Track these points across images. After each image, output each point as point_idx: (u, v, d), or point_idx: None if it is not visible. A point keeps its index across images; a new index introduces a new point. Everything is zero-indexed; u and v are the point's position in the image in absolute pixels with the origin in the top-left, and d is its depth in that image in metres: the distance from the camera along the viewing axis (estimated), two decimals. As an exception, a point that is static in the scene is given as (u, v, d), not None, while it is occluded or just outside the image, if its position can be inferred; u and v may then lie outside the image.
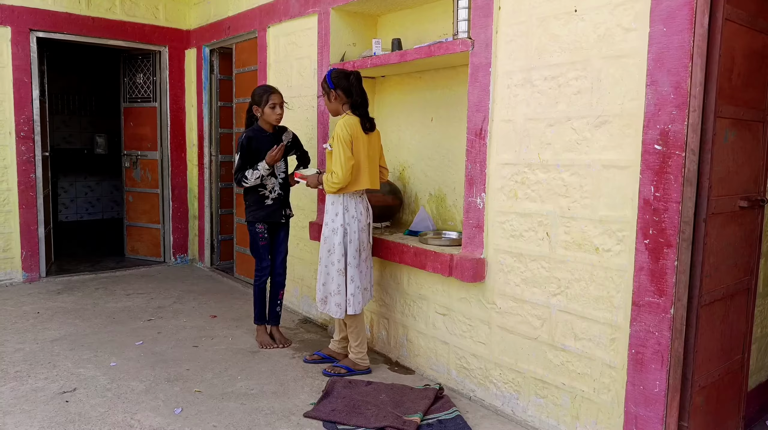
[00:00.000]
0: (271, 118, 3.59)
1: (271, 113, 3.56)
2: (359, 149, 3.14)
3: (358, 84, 3.21)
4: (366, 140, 3.19)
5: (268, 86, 3.65)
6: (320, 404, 2.93)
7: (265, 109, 3.55)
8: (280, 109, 3.57)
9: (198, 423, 2.76)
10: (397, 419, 2.73)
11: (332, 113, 3.32)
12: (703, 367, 2.38)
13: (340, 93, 3.20)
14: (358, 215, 3.23)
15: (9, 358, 3.48)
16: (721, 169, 2.30)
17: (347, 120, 3.16)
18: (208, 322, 4.22)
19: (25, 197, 5.17)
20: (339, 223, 3.20)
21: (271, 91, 3.57)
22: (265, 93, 3.56)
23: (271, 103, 3.54)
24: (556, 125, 2.60)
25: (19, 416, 2.78)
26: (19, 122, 5.09)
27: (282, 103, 3.59)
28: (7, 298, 4.74)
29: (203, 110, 5.81)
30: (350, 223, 3.21)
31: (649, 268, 2.26)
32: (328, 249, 3.24)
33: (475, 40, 2.91)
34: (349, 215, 3.21)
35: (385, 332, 3.68)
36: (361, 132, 3.16)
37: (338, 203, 3.22)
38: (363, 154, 3.16)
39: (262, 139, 3.61)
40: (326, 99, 3.27)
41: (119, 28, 5.60)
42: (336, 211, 3.22)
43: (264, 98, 3.54)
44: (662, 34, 2.18)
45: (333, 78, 3.19)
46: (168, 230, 6.15)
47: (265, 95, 3.54)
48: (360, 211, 3.25)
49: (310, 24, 4.17)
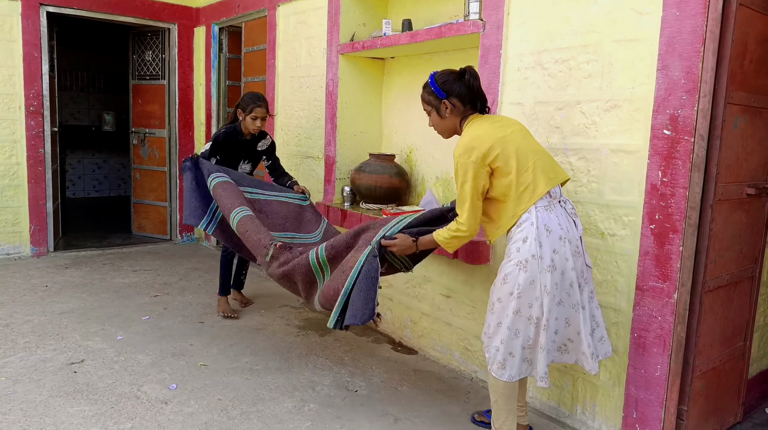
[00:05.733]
0: (249, 128, 3.65)
1: (251, 123, 3.62)
2: (508, 157, 2.15)
3: (477, 81, 2.30)
4: (515, 136, 2.21)
5: (257, 97, 3.65)
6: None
7: (247, 117, 3.61)
8: (260, 122, 3.62)
9: (203, 396, 2.80)
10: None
11: (445, 135, 2.39)
12: (705, 352, 2.40)
13: (456, 102, 2.27)
14: (565, 235, 2.14)
15: (18, 329, 3.54)
16: (730, 155, 2.30)
17: (472, 131, 2.23)
18: (213, 299, 4.26)
19: (34, 172, 5.20)
20: (531, 252, 2.10)
21: (258, 103, 3.59)
22: (252, 103, 3.59)
23: (254, 115, 3.59)
24: (565, 109, 2.60)
25: (29, 385, 2.83)
26: (28, 97, 5.11)
27: (264, 118, 3.63)
28: (15, 271, 4.80)
29: (211, 89, 5.80)
30: (556, 247, 2.11)
31: (654, 253, 2.27)
32: (510, 292, 2.13)
33: (486, 21, 2.89)
34: (552, 237, 2.12)
35: (390, 312, 3.71)
36: (502, 131, 2.20)
37: (527, 223, 2.13)
38: (521, 154, 2.17)
39: (236, 142, 3.70)
40: (435, 116, 2.35)
41: (129, 4, 5.59)
42: (525, 235, 2.13)
43: (249, 107, 3.59)
44: (675, 18, 2.17)
45: (442, 84, 2.28)
46: (175, 208, 6.18)
47: (252, 105, 3.59)
48: (566, 227, 2.16)
49: (320, 3, 4.15)
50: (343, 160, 4.09)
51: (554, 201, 2.19)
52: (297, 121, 4.50)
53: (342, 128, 4.06)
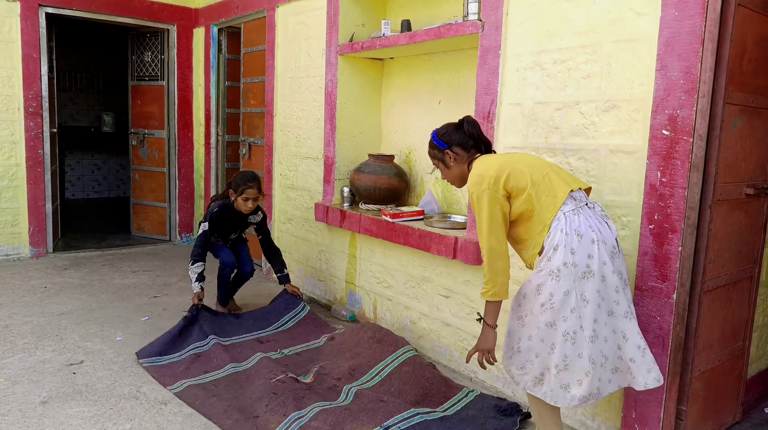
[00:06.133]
0: (241, 208, 3.68)
1: (242, 204, 3.66)
2: (520, 172, 2.12)
3: (475, 129, 2.33)
4: (523, 156, 2.26)
5: (250, 177, 3.66)
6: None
7: (238, 198, 3.65)
8: (251, 203, 3.65)
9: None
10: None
11: (457, 183, 2.40)
12: (704, 353, 2.40)
13: (459, 150, 2.32)
14: (598, 236, 2.02)
15: (17, 330, 3.53)
16: (729, 155, 2.30)
17: (480, 163, 2.23)
18: (212, 300, 4.25)
19: (33, 173, 5.20)
20: (562, 260, 1.99)
21: (249, 184, 3.61)
22: (243, 184, 3.62)
23: (245, 196, 3.62)
24: (564, 109, 2.60)
25: (28, 386, 2.83)
26: (27, 98, 5.10)
27: (256, 198, 3.66)
28: (15, 272, 4.80)
29: (210, 90, 5.80)
30: (590, 251, 1.99)
31: (653, 253, 2.27)
32: (542, 303, 2.02)
33: (485, 22, 2.89)
34: (584, 242, 1.99)
35: (389, 313, 3.71)
36: (508, 156, 2.29)
37: (556, 230, 2.03)
38: (533, 167, 2.15)
39: (230, 217, 3.78)
40: (442, 167, 2.40)
41: (128, 5, 5.59)
42: (555, 243, 2.02)
43: (240, 188, 3.62)
44: (674, 18, 2.17)
45: (442, 137, 2.35)
46: (174, 209, 6.18)
47: (243, 186, 3.61)
48: (599, 229, 2.04)
49: (319, 4, 4.15)
50: (342, 160, 4.10)
51: (580, 204, 2.09)
52: (296, 122, 4.50)
53: (341, 129, 4.06)
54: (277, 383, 2.83)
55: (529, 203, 2.09)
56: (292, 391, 2.76)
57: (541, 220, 2.08)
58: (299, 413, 2.58)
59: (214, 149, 5.88)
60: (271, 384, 2.83)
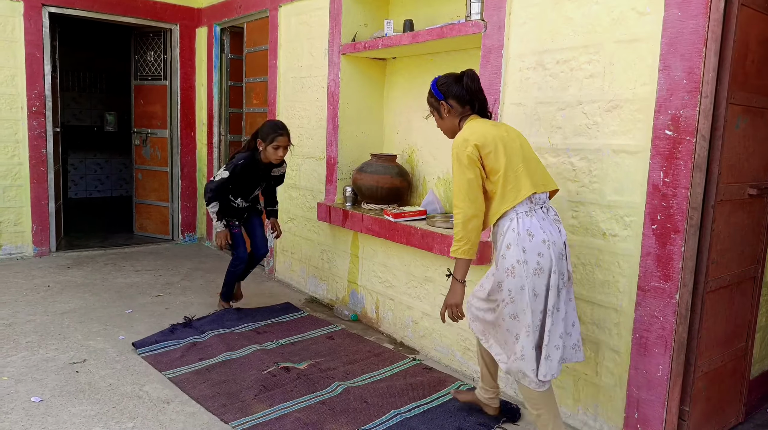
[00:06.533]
0: (271, 157, 3.56)
1: (273, 153, 3.53)
2: (499, 155, 2.21)
3: (474, 83, 2.38)
4: (507, 138, 2.27)
5: (279, 125, 3.56)
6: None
7: (268, 147, 3.52)
8: (282, 152, 3.54)
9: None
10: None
11: (448, 134, 2.48)
12: (707, 353, 2.40)
13: (454, 103, 2.38)
14: (548, 237, 2.17)
15: (20, 328, 3.54)
16: (732, 156, 2.30)
17: (470, 127, 2.31)
18: (215, 299, 4.26)
19: (36, 172, 5.21)
20: (515, 257, 2.16)
21: (279, 132, 3.51)
22: (274, 132, 3.50)
23: (276, 144, 3.50)
24: (567, 109, 2.60)
25: (31, 384, 2.84)
26: (30, 97, 5.12)
27: (287, 146, 3.56)
28: (18, 271, 4.81)
29: (213, 89, 5.81)
30: (540, 250, 2.14)
31: (656, 253, 2.27)
32: (503, 298, 2.21)
33: (487, 21, 2.89)
34: (535, 241, 2.15)
35: (391, 313, 3.71)
36: (497, 131, 2.28)
37: (509, 230, 2.19)
38: (512, 155, 2.23)
39: (254, 170, 3.66)
40: (436, 117, 2.48)
41: (131, 4, 5.60)
42: (507, 241, 2.18)
43: (270, 137, 3.50)
44: (677, 18, 2.17)
45: (440, 86, 2.40)
46: (176, 209, 6.19)
47: (273, 134, 3.50)
48: (550, 231, 2.19)
49: (321, 3, 4.15)
50: (344, 160, 4.10)
51: (536, 207, 2.23)
52: (299, 122, 4.51)
53: (343, 129, 4.06)
54: (268, 376, 2.96)
55: (495, 186, 2.23)
56: (282, 385, 2.88)
57: (498, 206, 2.23)
58: (285, 404, 2.71)
59: (217, 149, 5.89)
60: (262, 376, 2.96)
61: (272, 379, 2.95)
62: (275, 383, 2.91)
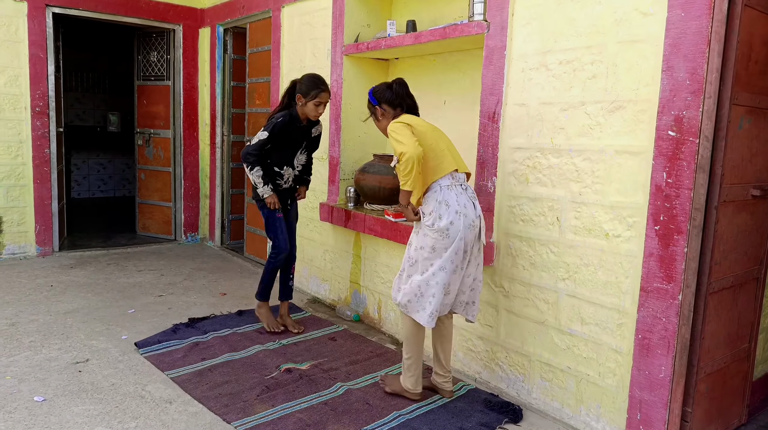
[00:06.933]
0: (311, 114, 3.41)
1: (313, 110, 3.38)
2: (425, 136, 2.63)
3: (402, 89, 2.82)
4: (432, 128, 2.72)
5: (320, 80, 3.39)
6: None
7: (309, 103, 3.36)
8: (323, 108, 3.40)
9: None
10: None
11: (385, 133, 2.82)
12: (709, 354, 2.39)
13: (386, 107, 2.81)
14: (462, 209, 2.58)
15: (23, 328, 3.55)
16: (735, 156, 2.29)
17: (402, 117, 2.72)
18: (218, 299, 4.27)
19: (40, 172, 5.22)
20: (431, 221, 2.58)
21: (322, 88, 3.35)
22: (316, 87, 3.34)
23: (318, 101, 3.35)
24: (569, 110, 2.60)
25: (34, 384, 2.84)
26: (34, 97, 5.13)
27: (327, 103, 3.41)
28: (21, 271, 4.82)
29: (216, 90, 5.82)
30: (453, 220, 2.55)
31: (659, 254, 2.26)
32: (418, 255, 2.64)
33: (490, 22, 2.89)
34: (451, 211, 2.56)
35: (393, 313, 3.71)
36: (422, 121, 2.72)
37: (432, 200, 2.60)
38: (435, 140, 2.66)
39: (294, 128, 3.47)
40: (374, 119, 2.90)
41: (134, 5, 5.61)
42: (430, 208, 2.60)
43: (312, 93, 3.34)
44: (680, 19, 2.17)
45: (375, 93, 2.84)
46: (179, 209, 6.20)
47: (315, 90, 3.34)
48: (463, 204, 2.59)
49: (324, 4, 4.16)
50: (347, 161, 4.10)
51: (456, 183, 2.62)
52: (301, 122, 4.50)
53: (346, 129, 4.07)
54: (270, 380, 2.96)
55: (424, 161, 2.59)
56: (284, 385, 2.91)
57: (426, 180, 2.62)
58: (287, 404, 2.72)
59: (220, 149, 5.90)
60: (265, 380, 2.96)
61: (274, 379, 2.96)
62: (277, 383, 2.92)
